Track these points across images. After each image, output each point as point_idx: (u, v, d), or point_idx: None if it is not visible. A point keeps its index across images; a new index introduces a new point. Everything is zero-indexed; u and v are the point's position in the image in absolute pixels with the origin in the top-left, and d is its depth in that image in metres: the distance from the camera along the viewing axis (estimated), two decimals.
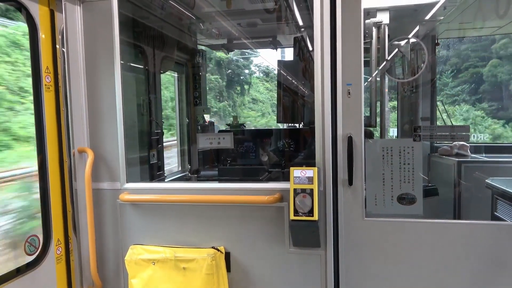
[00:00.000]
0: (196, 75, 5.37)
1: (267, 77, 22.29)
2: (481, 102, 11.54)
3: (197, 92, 5.35)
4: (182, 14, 4.41)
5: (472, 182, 4.00)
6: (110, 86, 2.98)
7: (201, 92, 5.38)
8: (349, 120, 2.65)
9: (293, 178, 2.59)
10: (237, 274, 2.89)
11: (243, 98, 20.95)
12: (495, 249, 2.54)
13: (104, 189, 3.04)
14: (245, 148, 4.30)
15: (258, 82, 22.39)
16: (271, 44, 5.64)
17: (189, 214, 2.93)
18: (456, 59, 10.75)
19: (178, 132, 5.46)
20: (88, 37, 2.99)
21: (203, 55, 5.46)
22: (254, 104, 21.37)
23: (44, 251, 2.77)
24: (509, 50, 10.02)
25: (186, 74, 5.40)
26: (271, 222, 2.79)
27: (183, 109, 5.43)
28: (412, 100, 5.19)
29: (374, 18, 3.73)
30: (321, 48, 2.64)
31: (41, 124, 2.76)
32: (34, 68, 2.72)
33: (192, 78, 5.37)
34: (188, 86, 5.40)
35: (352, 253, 2.72)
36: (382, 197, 2.73)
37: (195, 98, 5.34)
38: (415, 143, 2.68)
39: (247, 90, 21.32)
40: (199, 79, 5.37)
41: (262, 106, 21.42)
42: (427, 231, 2.61)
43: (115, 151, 3.01)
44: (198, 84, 5.36)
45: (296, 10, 4.40)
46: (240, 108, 19.99)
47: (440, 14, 4.38)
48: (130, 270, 2.92)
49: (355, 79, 2.63)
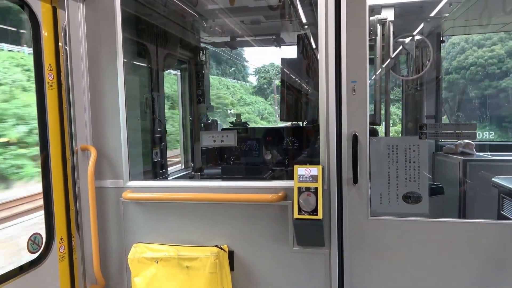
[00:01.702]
0: (199, 73, 5.35)
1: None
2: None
3: (200, 90, 5.33)
4: (185, 11, 4.39)
5: (477, 181, 3.97)
6: (113, 84, 2.97)
7: (204, 90, 5.35)
8: (353, 118, 2.62)
9: (297, 176, 2.57)
10: (240, 273, 2.87)
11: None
12: (501, 248, 2.52)
13: (107, 187, 3.03)
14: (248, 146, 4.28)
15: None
16: (275, 42, 5.61)
17: (192, 212, 2.91)
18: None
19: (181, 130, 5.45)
20: (91, 35, 2.97)
21: (206, 52, 5.44)
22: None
23: (47, 249, 2.77)
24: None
25: (189, 72, 5.38)
26: (275, 221, 2.77)
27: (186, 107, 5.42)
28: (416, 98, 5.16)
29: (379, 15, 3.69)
30: (325, 45, 2.61)
31: (44, 122, 2.75)
32: (36, 65, 2.71)
33: (195, 76, 5.35)
34: (191, 84, 5.38)
35: (357, 252, 2.69)
36: (387, 195, 2.71)
37: (198, 96, 5.33)
38: (421, 141, 2.65)
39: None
40: (202, 77, 5.35)
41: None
42: (433, 230, 2.59)
43: (118, 149, 2.99)
44: (201, 81, 5.34)
45: (300, 7, 4.37)
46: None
47: (446, 11, 4.33)
48: (133, 268, 2.91)
49: (360, 77, 2.60)
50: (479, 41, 10.13)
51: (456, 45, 10.05)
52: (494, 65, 9.44)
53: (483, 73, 9.43)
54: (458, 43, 10.01)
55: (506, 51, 9.53)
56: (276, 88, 25.86)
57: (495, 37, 10.10)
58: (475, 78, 9.11)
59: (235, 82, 27.46)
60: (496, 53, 9.51)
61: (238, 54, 25.20)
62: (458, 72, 9.44)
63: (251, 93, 28.54)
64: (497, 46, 9.73)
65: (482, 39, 9.92)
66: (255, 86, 29.74)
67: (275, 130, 5.25)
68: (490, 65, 9.51)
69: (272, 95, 27.45)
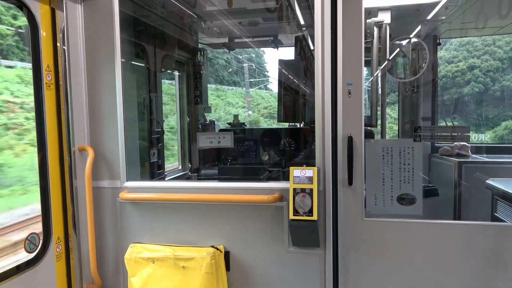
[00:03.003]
0: (197, 74, 5.36)
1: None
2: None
3: (198, 90, 5.35)
4: (183, 12, 4.40)
5: (472, 183, 3.99)
6: (111, 84, 2.98)
7: (202, 90, 5.37)
8: (349, 120, 2.64)
9: (293, 177, 2.59)
10: (236, 273, 2.89)
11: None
12: (495, 250, 2.54)
13: (104, 188, 3.05)
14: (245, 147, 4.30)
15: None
16: (272, 43, 5.63)
17: (189, 212, 2.93)
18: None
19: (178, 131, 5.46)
20: (89, 36, 2.99)
21: (204, 53, 5.46)
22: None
23: (44, 249, 2.78)
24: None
25: (187, 73, 5.40)
26: (271, 222, 2.79)
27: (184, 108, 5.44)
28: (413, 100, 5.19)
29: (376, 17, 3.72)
30: (321, 47, 2.63)
31: (41, 122, 2.76)
32: (35, 66, 2.72)
33: (193, 77, 5.37)
34: (188, 85, 5.40)
35: (352, 253, 2.72)
36: (382, 197, 2.73)
37: (196, 96, 5.34)
38: (415, 144, 2.68)
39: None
40: (200, 78, 5.37)
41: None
42: (427, 231, 2.61)
43: (115, 149, 3.01)
44: (199, 82, 5.36)
45: (298, 9, 4.40)
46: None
47: (442, 13, 4.36)
48: (129, 268, 2.92)
49: (356, 79, 2.62)
50: (449, 58, 14.32)
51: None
52: (459, 76, 13.95)
53: (451, 82, 13.68)
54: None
55: (467, 66, 14.11)
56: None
57: (460, 55, 14.44)
58: (446, 86, 12.52)
59: (266, 91, 26.69)
60: (460, 68, 14.11)
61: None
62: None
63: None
64: (461, 63, 14.28)
65: (452, 57, 14.20)
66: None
67: (272, 131, 5.26)
68: (456, 77, 13.91)
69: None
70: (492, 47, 14.08)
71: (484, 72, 13.45)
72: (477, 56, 13.83)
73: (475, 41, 14.10)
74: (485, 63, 13.80)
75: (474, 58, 13.85)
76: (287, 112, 5.33)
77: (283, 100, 5.23)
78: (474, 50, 14.08)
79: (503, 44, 13.89)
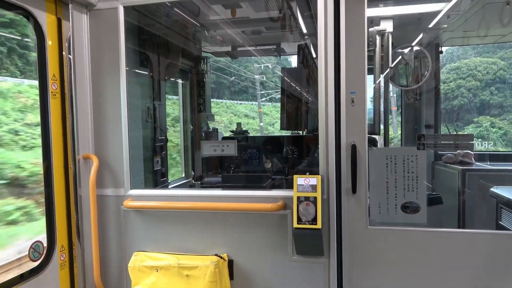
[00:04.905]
0: (200, 82, 5.40)
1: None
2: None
3: (201, 98, 5.37)
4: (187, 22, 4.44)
5: (476, 191, 3.98)
6: (116, 93, 3.01)
7: (205, 98, 5.40)
8: (352, 128, 2.65)
9: (297, 186, 2.59)
10: (240, 282, 2.88)
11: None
12: (499, 258, 2.53)
13: (108, 196, 3.06)
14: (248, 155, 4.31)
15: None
16: (275, 52, 5.67)
17: (192, 221, 2.93)
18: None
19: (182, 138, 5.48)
20: (94, 45, 3.02)
21: (207, 62, 5.49)
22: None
23: (48, 257, 2.78)
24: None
25: (190, 81, 5.43)
26: (274, 230, 2.79)
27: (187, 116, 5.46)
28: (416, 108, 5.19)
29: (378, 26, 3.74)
30: (325, 56, 2.65)
31: (47, 131, 2.78)
32: (41, 75, 2.75)
33: (197, 85, 5.40)
34: (192, 93, 5.43)
35: (356, 261, 2.71)
36: (385, 205, 2.73)
37: (199, 104, 5.37)
38: (419, 152, 2.68)
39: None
40: (203, 86, 5.40)
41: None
42: (431, 240, 2.60)
43: (120, 157, 3.02)
44: (202, 90, 5.39)
45: (300, 18, 4.43)
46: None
47: (444, 22, 4.39)
48: (133, 276, 2.92)
49: (359, 88, 2.63)
50: (443, 79, 18.72)
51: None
52: (449, 93, 18.36)
53: (444, 97, 17.22)
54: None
55: (455, 85, 18.71)
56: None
57: (451, 77, 18.68)
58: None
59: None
60: (450, 87, 18.52)
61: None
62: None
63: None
64: (452, 83, 18.76)
65: (445, 79, 18.28)
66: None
67: (275, 139, 5.27)
68: (447, 93, 18.09)
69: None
70: (474, 71, 18.97)
71: (467, 89, 18.63)
72: (463, 78, 19.02)
73: (462, 67, 19.03)
74: (469, 83, 18.76)
75: (460, 79, 18.95)
76: (290, 119, 5.34)
77: (286, 108, 5.25)
78: (461, 73, 19.11)
79: (482, 69, 18.91)
